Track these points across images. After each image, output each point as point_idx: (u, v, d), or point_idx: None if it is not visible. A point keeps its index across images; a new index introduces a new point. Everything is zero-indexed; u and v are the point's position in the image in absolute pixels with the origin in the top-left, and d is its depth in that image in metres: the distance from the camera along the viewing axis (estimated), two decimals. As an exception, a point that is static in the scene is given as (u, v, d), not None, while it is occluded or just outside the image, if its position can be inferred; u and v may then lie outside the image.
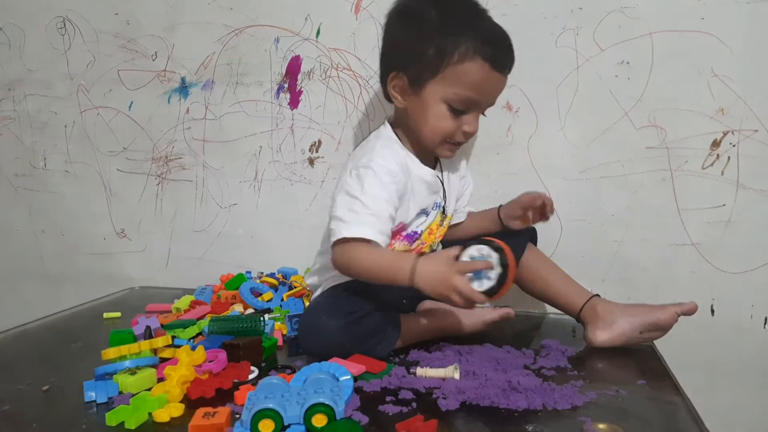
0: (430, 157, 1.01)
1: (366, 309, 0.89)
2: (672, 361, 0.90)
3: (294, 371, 0.82)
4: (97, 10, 1.38)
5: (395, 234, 0.98)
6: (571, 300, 1.00)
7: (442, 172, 1.04)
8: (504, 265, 0.81)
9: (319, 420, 0.64)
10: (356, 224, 0.87)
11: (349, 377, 0.75)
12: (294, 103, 1.31)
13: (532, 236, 1.08)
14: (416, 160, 0.98)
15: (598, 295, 1.00)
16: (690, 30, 1.11)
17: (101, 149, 1.44)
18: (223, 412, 0.66)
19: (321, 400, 0.65)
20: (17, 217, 1.52)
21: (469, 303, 0.82)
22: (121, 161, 1.43)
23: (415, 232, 1.01)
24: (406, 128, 0.99)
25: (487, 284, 0.82)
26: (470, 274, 0.82)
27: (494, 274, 0.81)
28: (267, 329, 0.94)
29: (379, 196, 0.89)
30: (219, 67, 1.33)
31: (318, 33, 1.27)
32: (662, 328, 0.93)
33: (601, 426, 0.67)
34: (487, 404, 0.73)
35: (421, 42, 0.91)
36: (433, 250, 1.04)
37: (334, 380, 0.72)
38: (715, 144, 1.13)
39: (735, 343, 1.17)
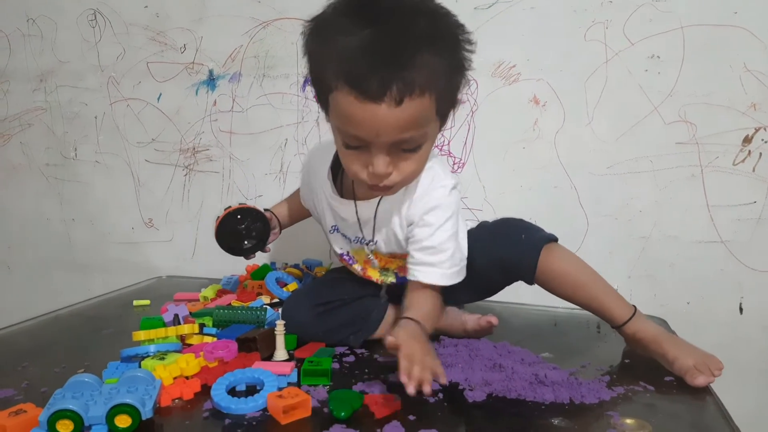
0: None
1: (341, 300, 0.91)
2: (700, 359, 0.89)
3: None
4: (128, 3, 1.40)
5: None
6: (610, 317, 0.86)
7: (378, 206, 0.85)
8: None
9: (123, 420, 0.62)
10: None
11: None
12: (320, 95, 1.32)
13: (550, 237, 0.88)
14: (328, 184, 0.88)
15: (636, 309, 0.87)
16: (722, 24, 1.09)
17: (130, 140, 1.46)
18: (30, 409, 0.64)
19: (126, 400, 0.62)
20: (48, 206, 1.55)
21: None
22: (150, 152, 1.45)
23: (342, 255, 0.95)
24: None
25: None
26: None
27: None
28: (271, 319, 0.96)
29: None
30: (246, 59, 1.34)
31: (345, 26, 1.27)
32: None
33: (628, 421, 0.67)
34: (514, 397, 0.73)
35: (308, 61, 0.76)
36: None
37: (150, 379, 0.69)
38: (747, 140, 1.12)
39: (764, 342, 1.15)
